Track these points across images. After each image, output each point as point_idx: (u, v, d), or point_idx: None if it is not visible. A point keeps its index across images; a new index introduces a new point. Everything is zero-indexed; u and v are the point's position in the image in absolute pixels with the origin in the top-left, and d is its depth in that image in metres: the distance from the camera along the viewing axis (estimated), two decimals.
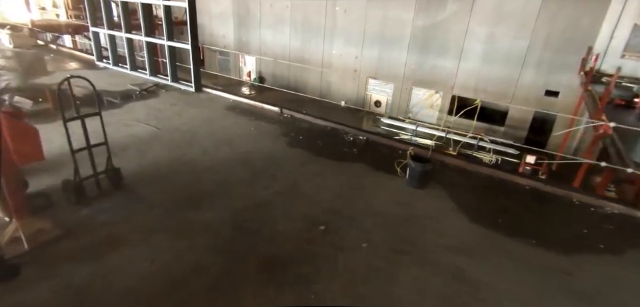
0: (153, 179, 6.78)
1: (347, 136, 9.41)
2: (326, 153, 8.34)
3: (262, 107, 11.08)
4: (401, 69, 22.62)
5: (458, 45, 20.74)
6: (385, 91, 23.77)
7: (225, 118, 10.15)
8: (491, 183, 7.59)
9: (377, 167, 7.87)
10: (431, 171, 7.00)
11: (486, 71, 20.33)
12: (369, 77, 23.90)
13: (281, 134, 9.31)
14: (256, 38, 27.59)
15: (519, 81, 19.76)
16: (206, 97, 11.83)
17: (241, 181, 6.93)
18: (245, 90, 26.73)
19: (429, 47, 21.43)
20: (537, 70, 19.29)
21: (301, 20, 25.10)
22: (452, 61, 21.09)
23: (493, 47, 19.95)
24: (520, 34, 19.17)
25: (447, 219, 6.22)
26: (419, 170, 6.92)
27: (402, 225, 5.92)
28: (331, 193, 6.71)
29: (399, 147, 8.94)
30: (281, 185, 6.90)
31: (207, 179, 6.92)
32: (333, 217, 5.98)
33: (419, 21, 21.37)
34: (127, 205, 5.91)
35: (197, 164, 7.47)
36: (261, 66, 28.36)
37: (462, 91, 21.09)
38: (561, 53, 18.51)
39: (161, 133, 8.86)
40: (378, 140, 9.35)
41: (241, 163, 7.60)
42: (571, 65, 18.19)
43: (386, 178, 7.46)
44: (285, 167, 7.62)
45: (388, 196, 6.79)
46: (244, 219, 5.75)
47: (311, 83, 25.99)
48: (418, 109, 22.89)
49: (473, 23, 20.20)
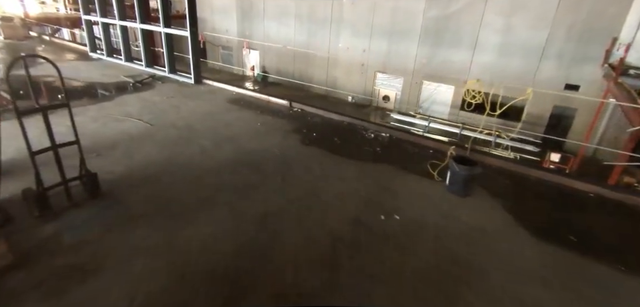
0: (141, 184, 5.44)
1: (367, 133, 8.06)
2: (345, 152, 6.99)
3: (268, 100, 9.73)
4: (411, 62, 21.24)
5: (472, 36, 19.36)
6: (394, 86, 22.39)
7: (227, 112, 8.80)
8: (545, 189, 6.23)
9: (407, 168, 6.52)
10: (478, 175, 5.64)
11: (502, 64, 18.96)
12: (377, 72, 22.51)
13: (291, 130, 7.96)
14: (260, 31, 26.15)
15: (536, 74, 18.38)
16: (206, 90, 10.47)
17: (246, 185, 5.59)
18: (248, 85, 25.37)
19: (441, 39, 20.05)
20: (557, 62, 17.88)
21: (307, 12, 23.66)
22: (465, 53, 19.73)
23: (509, 39, 18.55)
24: (539, 24, 17.74)
25: (506, 235, 4.86)
26: (464, 174, 5.57)
27: (452, 243, 4.58)
28: (356, 201, 5.37)
29: (428, 146, 7.58)
30: (294, 190, 5.55)
31: (206, 184, 5.58)
32: (362, 232, 4.64)
33: (431, 11, 19.97)
34: (104, 220, 4.58)
35: (195, 165, 6.12)
36: (264, 61, 26.97)
37: (475, 86, 19.76)
38: (582, 44, 17.08)
39: (155, 129, 7.52)
40: (403, 137, 8.00)
41: (246, 164, 6.26)
42: (593, 57, 16.78)
43: (420, 182, 6.11)
44: (299, 169, 6.27)
45: (427, 205, 5.44)
46: (250, 237, 4.41)
47: (316, 77, 24.58)
48: (428, 103, 21.55)
49: (488, 13, 18.80)
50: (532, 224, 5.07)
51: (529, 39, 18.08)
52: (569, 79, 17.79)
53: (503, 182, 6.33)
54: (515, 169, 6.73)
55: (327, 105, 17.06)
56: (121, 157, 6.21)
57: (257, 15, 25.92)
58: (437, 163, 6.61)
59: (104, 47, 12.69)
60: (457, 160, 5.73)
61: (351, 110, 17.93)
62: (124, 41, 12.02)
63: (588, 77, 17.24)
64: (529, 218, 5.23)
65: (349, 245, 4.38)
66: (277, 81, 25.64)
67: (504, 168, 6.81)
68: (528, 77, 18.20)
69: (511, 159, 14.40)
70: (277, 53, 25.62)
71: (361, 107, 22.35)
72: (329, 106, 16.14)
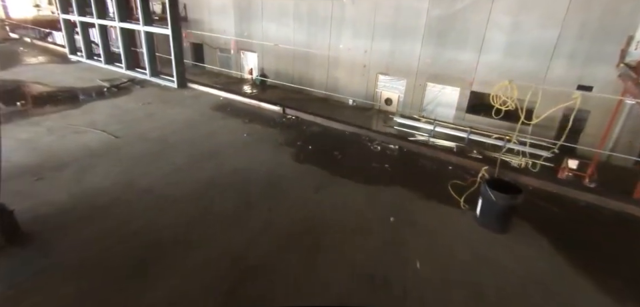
0: (84, 222, 4.05)
1: (373, 145, 6.67)
2: (348, 171, 5.60)
3: (259, 106, 8.34)
4: (414, 63, 19.83)
5: (478, 36, 17.96)
6: (397, 88, 20.98)
7: (210, 121, 7.42)
8: (602, 218, 4.83)
9: (425, 191, 5.13)
10: (520, 205, 4.24)
11: (509, 65, 17.56)
12: (379, 73, 21.10)
13: (283, 142, 6.57)
14: (258, 32, 24.73)
15: (547, 74, 16.98)
16: (190, 95, 9.08)
17: (224, 220, 4.21)
18: (247, 88, 23.98)
19: (446, 38, 18.64)
20: (568, 62, 16.48)
21: (306, 12, 22.23)
22: (471, 53, 18.33)
23: (517, 38, 17.15)
24: (549, 22, 16.34)
25: (567, 289, 3.48)
26: (503, 205, 4.17)
27: (499, 302, 3.19)
28: (367, 242, 3.99)
29: (446, 160, 6.19)
30: (286, 226, 4.17)
31: (171, 219, 4.19)
32: (381, 292, 3.27)
33: (435, 10, 18.56)
34: (16, 279, 3.21)
35: (159, 192, 4.73)
36: (263, 62, 25.56)
37: (482, 87, 18.35)
38: (595, 43, 15.68)
39: (120, 142, 6.14)
40: (415, 149, 6.61)
41: (224, 190, 4.87)
42: (608, 57, 15.38)
43: (444, 212, 4.71)
44: (292, 194, 4.88)
45: (457, 245, 4.05)
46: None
47: (316, 79, 23.15)
48: (433, 106, 20.15)
49: (495, 11, 17.39)
50: (597, 269, 3.68)
51: (538, 38, 16.71)
52: (582, 79, 16.40)
53: (545, 209, 4.94)
54: (558, 191, 5.33)
55: (327, 110, 15.78)
56: (68, 181, 4.83)
57: (255, 16, 24.52)
58: (460, 185, 5.23)
59: (83, 49, 11.32)
60: (490, 185, 4.33)
61: (352, 114, 16.53)
62: (103, 41, 10.65)
63: (602, 77, 15.86)
64: (590, 261, 3.83)
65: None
66: (275, 84, 24.26)
67: (542, 189, 5.41)
68: (538, 78, 16.83)
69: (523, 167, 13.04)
70: (276, 55, 24.23)
71: (362, 111, 20.94)
72: (328, 111, 14.80)
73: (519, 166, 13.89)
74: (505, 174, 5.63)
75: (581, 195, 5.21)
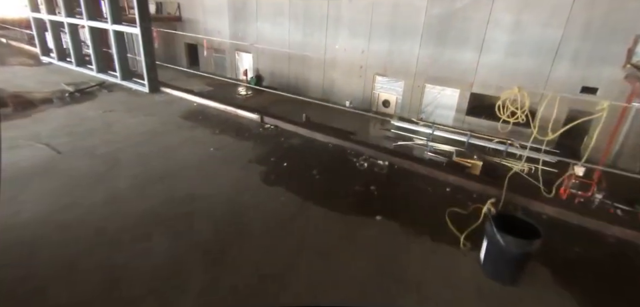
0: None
1: (359, 161, 5.62)
2: (326, 195, 4.58)
3: (236, 113, 7.31)
4: (413, 64, 18.75)
5: (479, 35, 16.87)
6: (395, 89, 19.90)
7: (176, 131, 6.40)
8: (635, 255, 3.79)
9: (417, 223, 4.10)
10: (536, 252, 3.20)
11: (511, 65, 16.48)
12: (376, 74, 20.02)
13: (255, 158, 5.54)
14: (253, 32, 23.68)
15: (550, 76, 15.88)
16: (162, 100, 8.06)
17: (155, 275, 3.19)
18: (242, 90, 22.93)
19: (446, 38, 17.56)
20: (572, 63, 15.39)
21: (302, 11, 21.15)
22: (471, 54, 17.25)
23: (519, 38, 16.06)
24: (552, 21, 15.24)
25: None
26: (515, 253, 3.13)
27: None
28: None
29: (444, 180, 5.15)
30: (242, 282, 3.15)
31: (88, 275, 3.18)
32: None
33: (435, 8, 17.46)
34: None
35: (87, 227, 3.72)
36: (258, 63, 24.52)
37: (483, 89, 17.29)
38: (600, 42, 14.59)
39: (61, 159, 5.14)
40: (408, 165, 5.56)
41: (168, 225, 3.85)
42: (614, 57, 14.30)
43: (439, 255, 3.67)
44: (251, 232, 3.86)
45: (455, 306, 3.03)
46: None
47: (312, 80, 22.10)
48: (432, 108, 19.07)
49: (496, 10, 16.30)
50: None
51: (541, 37, 15.64)
52: (586, 81, 15.31)
53: (565, 247, 3.90)
54: (579, 222, 4.28)
55: (318, 113, 14.74)
56: None
57: (250, 16, 23.46)
58: (460, 214, 4.20)
59: (54, 49, 10.33)
60: (498, 222, 3.29)
61: (349, 117, 15.43)
62: (74, 41, 9.65)
63: (607, 78, 14.77)
64: None
65: None
66: (271, 85, 23.23)
67: (559, 219, 4.37)
68: (541, 79, 15.77)
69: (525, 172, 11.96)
70: (272, 56, 23.19)
71: (359, 113, 19.86)
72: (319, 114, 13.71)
73: (521, 171, 12.82)
74: (513, 199, 4.59)
75: (608, 228, 4.16)
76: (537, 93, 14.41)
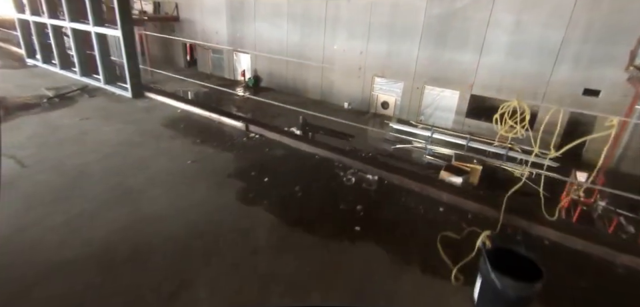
0: None
1: (346, 175, 5.19)
2: (307, 217, 4.15)
3: (220, 121, 6.89)
4: (412, 65, 18.28)
5: (479, 36, 16.38)
6: (394, 91, 19.44)
7: (154, 141, 5.98)
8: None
9: (405, 250, 3.67)
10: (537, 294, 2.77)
11: (511, 67, 15.98)
12: (375, 76, 19.55)
13: (235, 172, 5.12)
14: (251, 33, 23.25)
15: (551, 78, 15.38)
16: (144, 106, 7.64)
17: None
18: (239, 91, 22.50)
19: (445, 39, 17.07)
20: (574, 65, 14.88)
21: (300, 11, 20.69)
22: (471, 55, 16.76)
23: (520, 39, 15.55)
24: (554, 22, 14.73)
25: None
26: (513, 297, 2.70)
27: None
28: None
29: (437, 198, 4.72)
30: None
31: None
32: None
33: (434, 9, 16.98)
34: None
35: (35, 260, 3.31)
36: (256, 64, 24.09)
37: (483, 90, 16.80)
38: (603, 44, 14.06)
39: (25, 173, 4.75)
40: (397, 182, 5.12)
41: (125, 256, 3.44)
42: (617, 59, 13.79)
43: (429, 290, 3.25)
44: (225, 260, 3.44)
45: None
46: None
47: (311, 81, 21.64)
48: (431, 110, 18.60)
49: (497, 10, 15.81)
50: None
51: (542, 38, 15.13)
52: (588, 83, 14.79)
53: (568, 280, 3.46)
54: (584, 249, 3.84)
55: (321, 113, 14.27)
56: None
57: (248, 16, 23.03)
58: (453, 239, 3.77)
59: (38, 52, 9.94)
60: (493, 259, 2.85)
61: (346, 119, 14.96)
62: (58, 43, 9.25)
63: (610, 80, 14.26)
64: None
65: None
66: (269, 86, 22.79)
67: (562, 245, 3.93)
68: (542, 81, 15.27)
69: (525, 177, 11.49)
70: (269, 57, 22.75)
71: (357, 115, 19.42)
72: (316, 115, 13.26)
73: (521, 176, 12.35)
74: (512, 221, 4.15)
75: (616, 257, 3.72)
76: (538, 101, 13.98)
